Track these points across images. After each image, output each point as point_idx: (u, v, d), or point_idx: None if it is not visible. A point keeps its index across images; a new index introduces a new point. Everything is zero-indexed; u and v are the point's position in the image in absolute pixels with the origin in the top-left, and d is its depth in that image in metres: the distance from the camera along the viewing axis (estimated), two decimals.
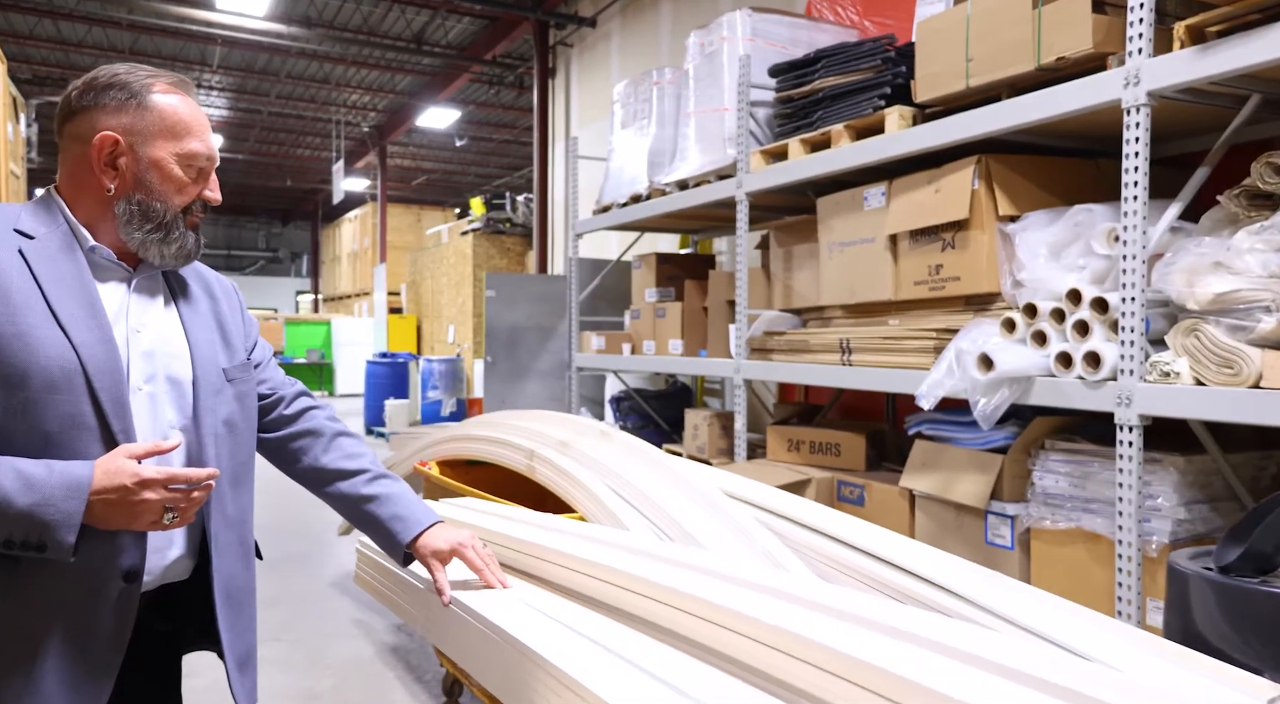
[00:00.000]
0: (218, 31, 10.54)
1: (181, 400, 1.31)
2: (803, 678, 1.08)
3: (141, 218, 1.28)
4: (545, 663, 1.26)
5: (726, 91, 4.35)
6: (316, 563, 4.78)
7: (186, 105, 1.31)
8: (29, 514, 1.07)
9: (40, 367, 1.15)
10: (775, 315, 4.24)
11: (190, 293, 1.40)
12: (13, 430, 1.14)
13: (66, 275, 1.22)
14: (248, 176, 20.69)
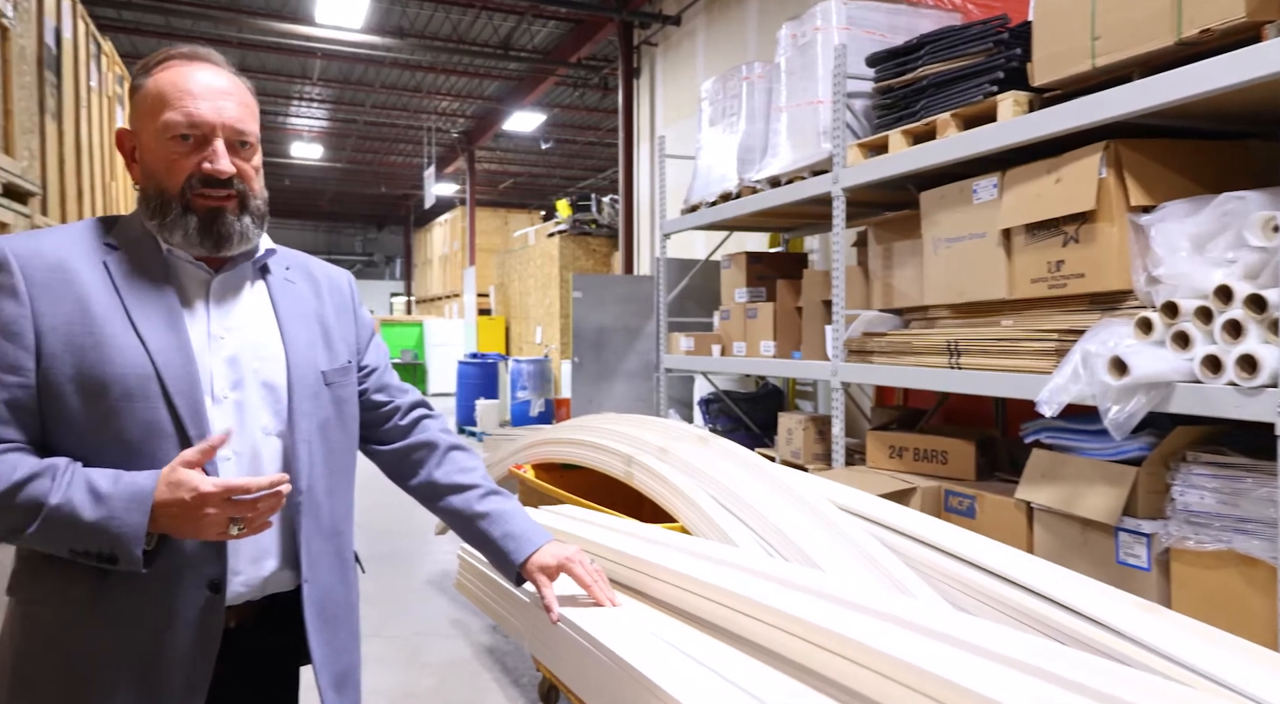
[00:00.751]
0: (318, 45, 10.90)
1: (277, 405, 1.27)
2: None
3: (147, 206, 1.23)
4: (658, 689, 1.17)
5: (821, 84, 4.19)
6: (414, 561, 4.83)
7: (176, 76, 1.22)
8: (98, 527, 1.07)
9: (118, 375, 1.14)
10: (874, 315, 4.05)
11: (292, 291, 1.35)
12: (98, 440, 1.14)
13: (146, 282, 1.20)
14: (345, 184, 21.43)
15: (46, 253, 1.18)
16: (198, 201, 1.21)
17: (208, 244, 1.22)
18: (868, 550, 1.60)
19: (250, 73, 12.92)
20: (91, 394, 1.14)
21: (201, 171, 1.20)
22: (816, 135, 4.23)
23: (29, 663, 1.15)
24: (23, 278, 1.15)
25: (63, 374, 1.14)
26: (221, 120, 1.21)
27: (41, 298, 1.15)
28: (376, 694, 3.08)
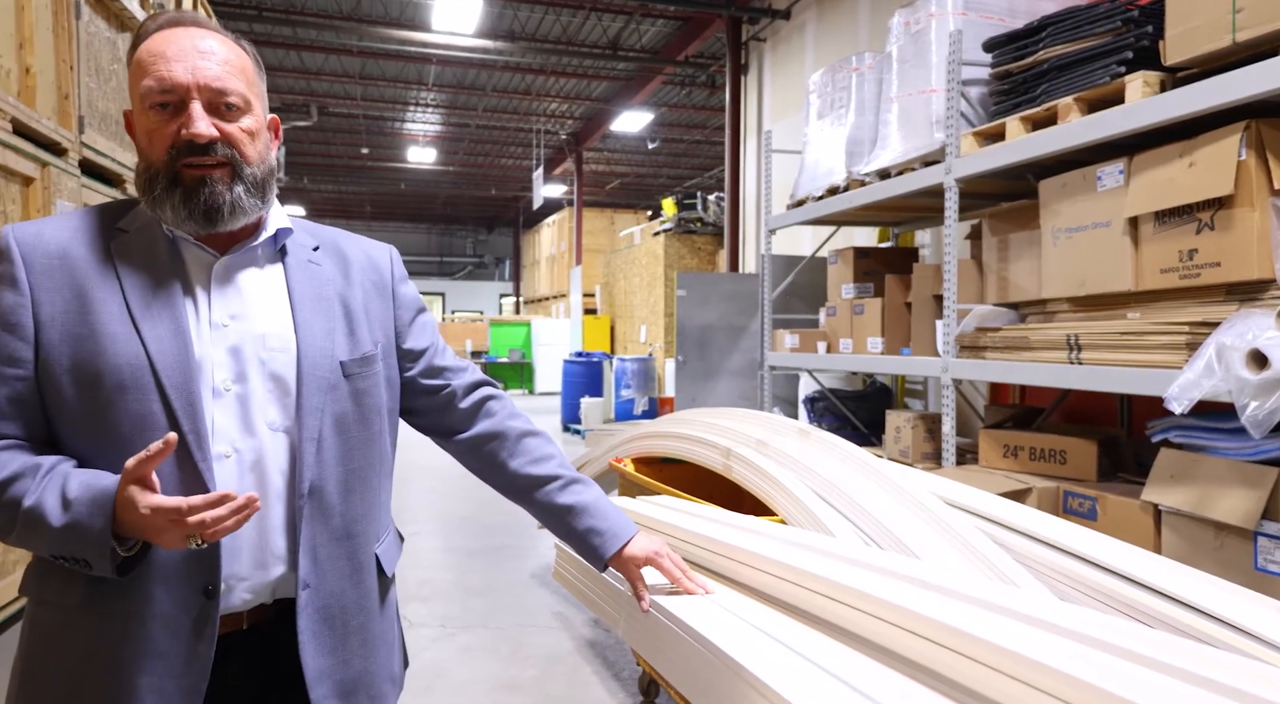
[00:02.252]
0: (433, 51, 11.34)
1: (285, 399, 1.17)
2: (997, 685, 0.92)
3: (140, 184, 1.14)
4: (749, 675, 1.17)
5: (934, 72, 4.07)
6: (518, 554, 4.97)
7: (153, 42, 1.13)
8: (63, 533, 1.01)
9: (110, 365, 1.07)
10: (988, 310, 3.90)
11: (313, 273, 1.24)
12: (94, 434, 1.09)
13: (148, 267, 1.13)
14: (457, 187, 22.18)
15: (49, 239, 1.12)
16: (185, 172, 1.10)
17: (197, 218, 1.11)
18: (973, 544, 1.55)
19: (369, 80, 13.60)
20: (86, 386, 1.08)
21: (181, 138, 1.09)
22: (929, 125, 4.11)
23: (33, 663, 1.11)
24: (24, 266, 1.10)
25: (59, 365, 1.08)
26: (196, 80, 1.09)
27: (41, 286, 1.10)
28: (479, 683, 3.18)
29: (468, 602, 4.15)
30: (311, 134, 15.86)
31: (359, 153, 18.07)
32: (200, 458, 1.09)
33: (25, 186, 3.28)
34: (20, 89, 3.24)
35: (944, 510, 1.67)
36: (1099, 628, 1.06)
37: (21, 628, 1.14)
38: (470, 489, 6.49)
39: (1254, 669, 1.00)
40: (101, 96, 4.12)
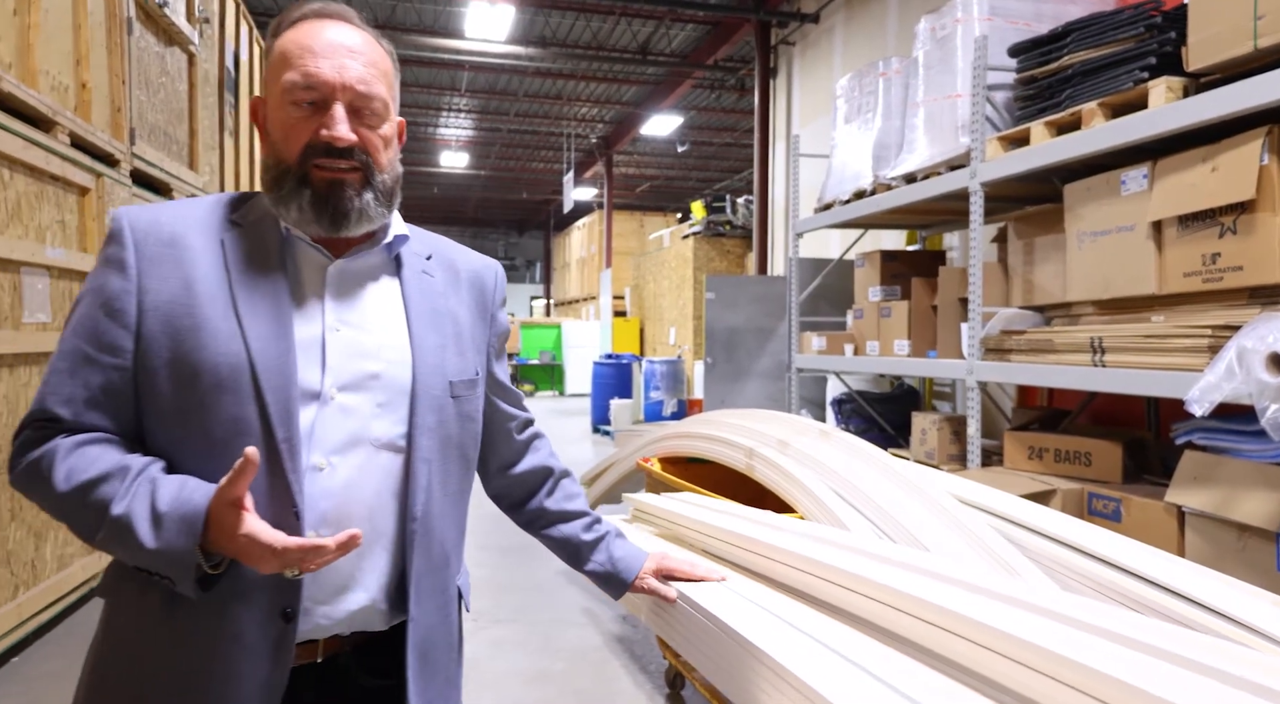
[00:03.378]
0: (466, 58, 11.52)
1: (395, 415, 1.09)
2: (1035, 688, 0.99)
3: (265, 178, 1.09)
4: (766, 657, 1.25)
5: (960, 77, 4.10)
6: (547, 555, 5.05)
7: (300, 33, 1.07)
8: (150, 550, 0.95)
9: (210, 362, 1.00)
10: (1014, 313, 3.93)
11: (428, 285, 1.17)
12: (184, 433, 1.02)
13: (259, 264, 1.07)
14: (489, 191, 22.45)
15: (164, 225, 1.06)
16: (315, 174, 1.05)
17: (323, 222, 1.06)
18: (983, 538, 1.61)
19: (403, 87, 13.81)
20: (183, 382, 1.01)
21: (320, 139, 1.04)
22: (954, 129, 4.15)
23: (103, 671, 1.05)
24: (134, 251, 1.04)
25: (159, 357, 1.01)
26: (342, 80, 1.04)
27: (150, 273, 1.03)
28: (512, 675, 3.28)
29: (499, 598, 4.26)
30: None
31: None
32: (290, 468, 1.01)
33: (81, 197, 3.46)
34: (77, 104, 3.42)
35: (956, 508, 1.73)
36: (1095, 615, 1.13)
37: (97, 630, 1.08)
38: None
39: (1244, 654, 1.06)
40: (151, 108, 4.31)
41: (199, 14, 4.95)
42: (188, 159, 5.01)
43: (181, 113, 4.90)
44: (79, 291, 1.07)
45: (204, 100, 5.28)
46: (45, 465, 0.99)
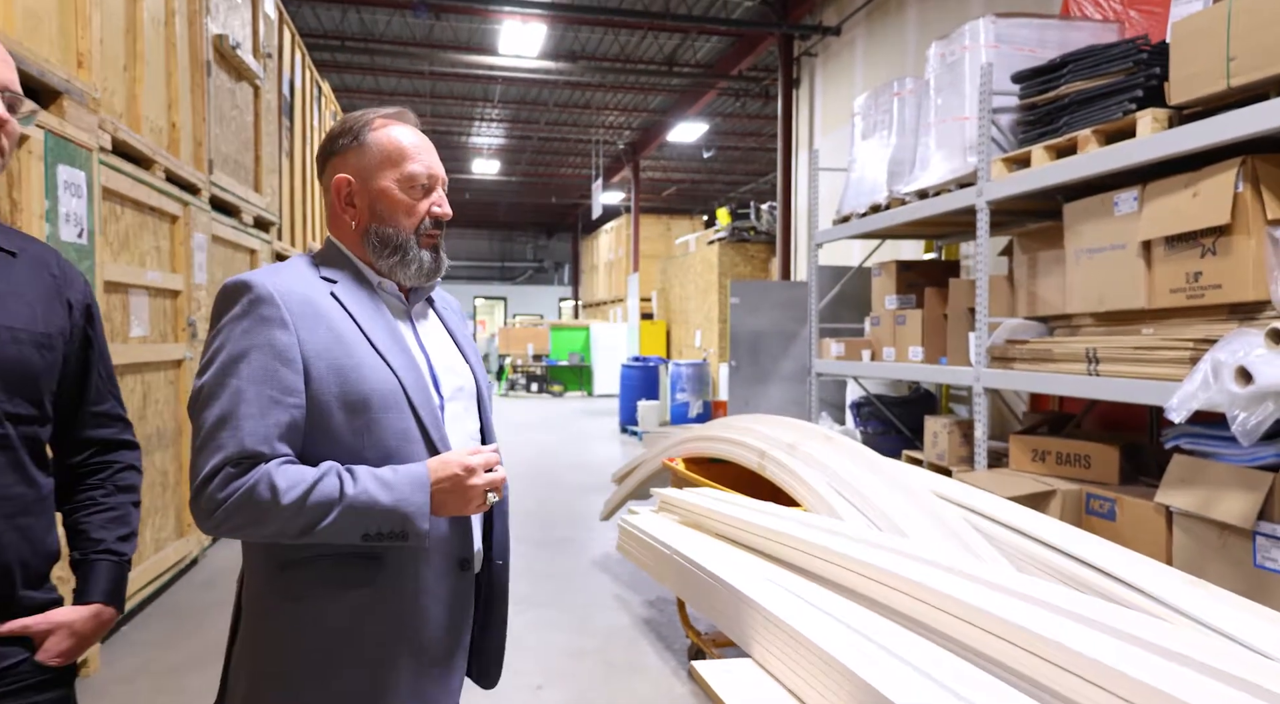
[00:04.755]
0: (499, 73, 11.90)
1: (472, 413, 1.44)
2: (972, 638, 1.27)
3: (382, 245, 1.36)
4: (755, 604, 1.55)
5: (968, 100, 4.35)
6: (580, 546, 5.39)
7: (402, 134, 1.38)
8: (392, 509, 1.19)
9: (376, 392, 1.27)
10: (1019, 323, 4.17)
11: (451, 317, 1.53)
12: (361, 447, 1.27)
13: (371, 311, 1.34)
14: (519, 196, 22.86)
15: (296, 288, 1.30)
16: (425, 240, 1.37)
17: (427, 273, 1.38)
18: (952, 527, 1.88)
19: (438, 98, 14.26)
20: (354, 409, 1.26)
21: (432, 215, 1.37)
22: (963, 149, 4.39)
23: (320, 653, 1.25)
24: (286, 311, 1.26)
25: (329, 393, 1.25)
26: (441, 172, 1.41)
27: (301, 327, 1.26)
28: (551, 649, 3.61)
29: (536, 584, 4.58)
30: None
31: None
32: None
33: (172, 224, 3.87)
34: (169, 142, 3.81)
35: (935, 503, 2.00)
36: (1031, 588, 1.40)
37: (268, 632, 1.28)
38: (534, 488, 6.97)
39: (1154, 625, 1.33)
40: (223, 139, 4.70)
41: (263, 50, 5.34)
42: (253, 182, 5.40)
43: (248, 141, 5.29)
44: (228, 345, 1.25)
45: (266, 128, 5.68)
46: (262, 490, 1.17)
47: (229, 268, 5.00)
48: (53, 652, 1.28)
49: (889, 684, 1.19)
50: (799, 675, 1.38)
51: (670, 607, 4.15)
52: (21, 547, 1.25)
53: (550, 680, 3.32)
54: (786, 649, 1.42)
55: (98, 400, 1.43)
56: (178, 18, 4.06)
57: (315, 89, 8.03)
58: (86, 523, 1.39)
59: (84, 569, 1.38)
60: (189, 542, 4.39)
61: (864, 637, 1.40)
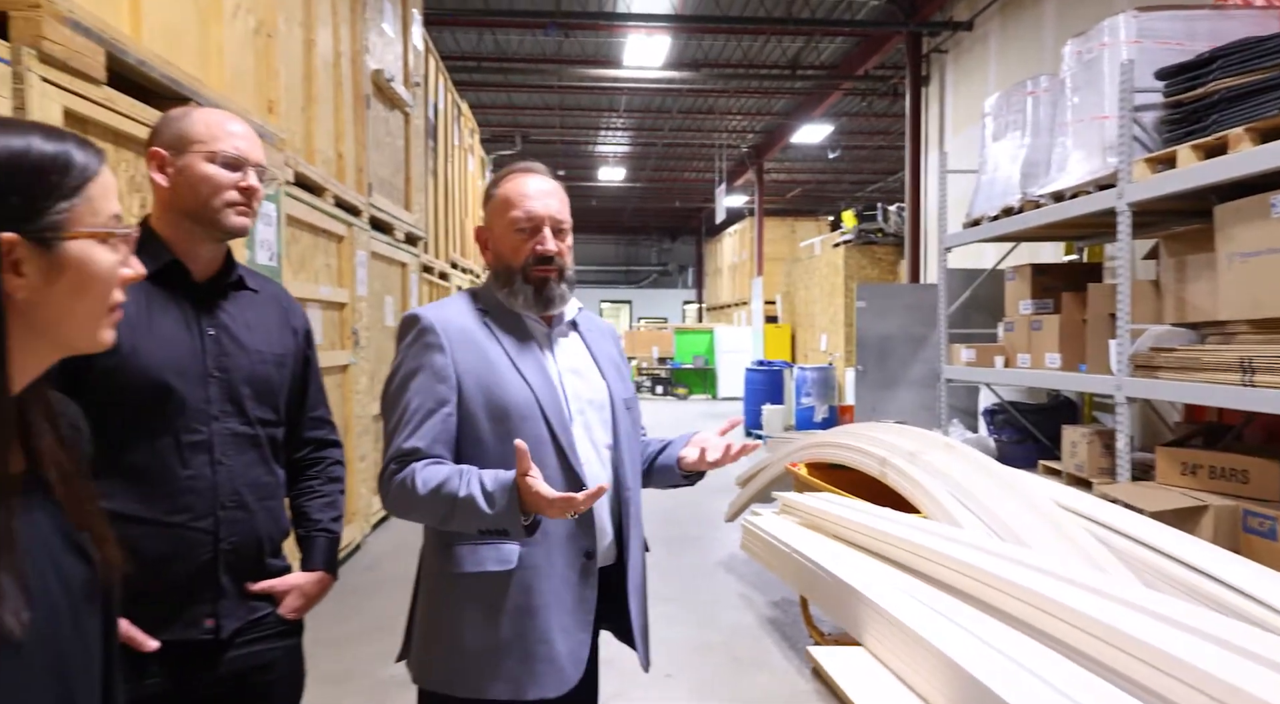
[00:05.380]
0: (624, 84, 12.22)
1: (606, 424, 1.63)
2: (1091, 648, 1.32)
3: (496, 278, 1.61)
4: (868, 600, 1.64)
5: (1107, 99, 4.21)
6: (706, 545, 5.53)
7: (516, 184, 1.59)
8: (490, 514, 1.40)
9: (515, 404, 1.52)
10: (1164, 330, 4.01)
11: (595, 338, 1.72)
12: (501, 451, 1.50)
13: (516, 335, 1.59)
14: (643, 201, 23.25)
15: (454, 319, 1.57)
16: (533, 274, 1.57)
17: (540, 305, 1.58)
18: (1073, 537, 1.90)
19: (566, 111, 14.75)
20: (496, 418, 1.51)
21: (535, 252, 1.57)
22: (1102, 150, 4.25)
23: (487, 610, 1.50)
24: (445, 337, 1.54)
25: (475, 404, 1.52)
26: (548, 213, 1.57)
27: (457, 351, 1.53)
28: (679, 642, 3.77)
29: (665, 580, 4.76)
30: (516, 159, 17.30)
31: (556, 175, 19.41)
32: (573, 461, 1.54)
33: (339, 244, 4.31)
34: (336, 170, 4.24)
35: (1057, 512, 2.02)
36: (1157, 603, 1.43)
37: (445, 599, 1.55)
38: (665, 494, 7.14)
39: None
40: (379, 164, 5.15)
41: (413, 79, 5.78)
42: (404, 201, 5.86)
43: (400, 164, 5.75)
44: (402, 365, 1.55)
45: (415, 150, 6.15)
46: (410, 482, 1.46)
47: (384, 280, 5.44)
48: (290, 608, 1.56)
49: (987, 673, 1.28)
50: (902, 660, 1.48)
51: (794, 607, 4.23)
52: (268, 523, 1.54)
53: (678, 670, 3.49)
54: (893, 638, 1.51)
55: (314, 407, 1.71)
56: (344, 59, 4.49)
57: (455, 110, 8.54)
58: (308, 506, 1.68)
59: (307, 543, 1.66)
60: (352, 529, 4.83)
61: (967, 631, 1.47)
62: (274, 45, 3.56)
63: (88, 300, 0.80)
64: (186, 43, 2.99)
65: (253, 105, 3.37)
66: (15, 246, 0.74)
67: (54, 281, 0.77)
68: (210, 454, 1.47)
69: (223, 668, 1.48)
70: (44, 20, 2.15)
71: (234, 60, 3.23)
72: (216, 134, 1.48)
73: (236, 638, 1.49)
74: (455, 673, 1.53)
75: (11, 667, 0.72)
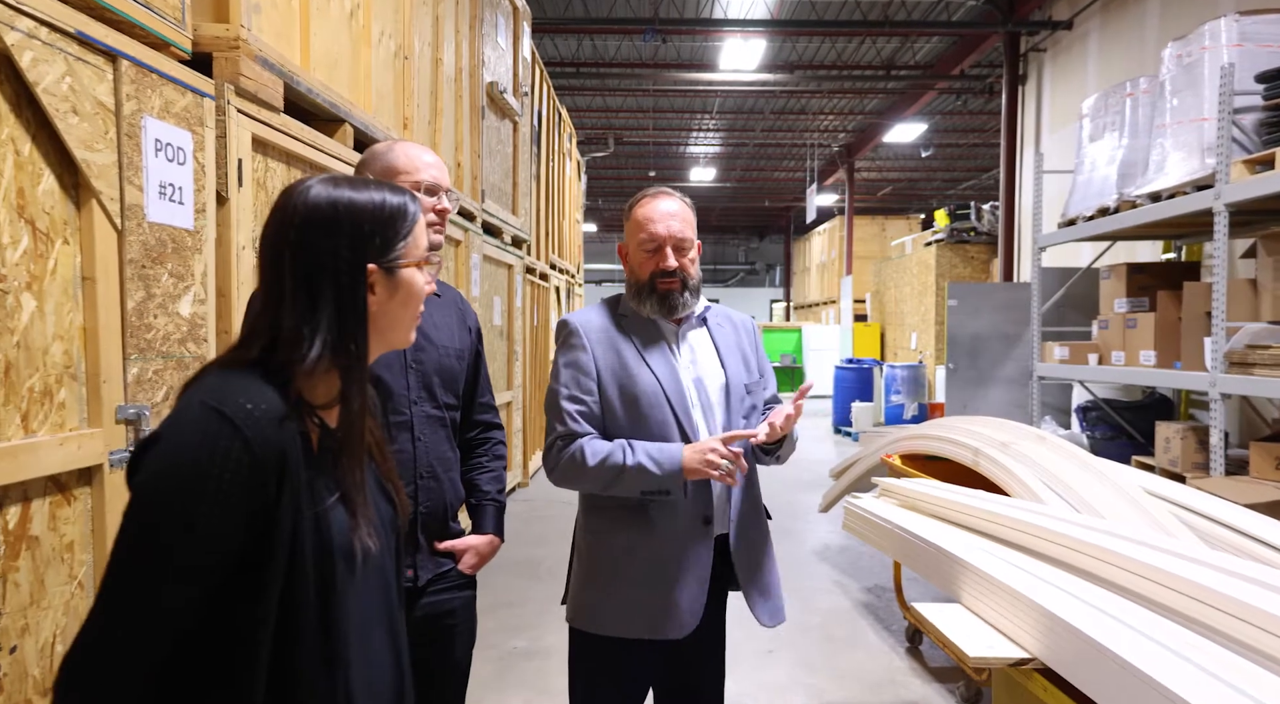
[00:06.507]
0: (718, 87, 12.47)
1: (723, 404, 1.88)
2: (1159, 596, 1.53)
3: (630, 287, 1.90)
4: (962, 561, 1.88)
5: (1206, 102, 4.26)
6: (801, 535, 5.77)
7: (646, 209, 1.87)
8: (659, 475, 1.72)
9: (645, 393, 1.81)
10: (1262, 328, 4.05)
11: (722, 332, 1.97)
12: (633, 431, 1.81)
13: (647, 334, 1.89)
14: (733, 200, 23.42)
15: (594, 322, 1.90)
16: (659, 286, 1.85)
17: (664, 311, 1.86)
18: (1155, 516, 2.08)
19: (660, 113, 15.09)
20: (628, 404, 1.81)
21: (659, 268, 1.85)
22: (1200, 151, 4.31)
23: (621, 562, 1.81)
24: (586, 339, 1.87)
25: (611, 392, 1.83)
26: (670, 234, 1.85)
27: (596, 349, 1.85)
28: (781, 624, 4.02)
29: None
30: (608, 161, 17.78)
31: (647, 176, 19.87)
32: (694, 438, 1.80)
33: (455, 247, 4.71)
34: (456, 179, 4.65)
35: (1140, 494, 2.19)
36: (1222, 559, 1.63)
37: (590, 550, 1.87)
38: None
39: None
40: (491, 171, 5.56)
41: (521, 89, 6.19)
42: (511, 206, 6.28)
43: (508, 170, 6.17)
44: (558, 362, 1.88)
45: (522, 157, 6.57)
46: (579, 455, 1.78)
47: (493, 281, 5.86)
48: (467, 565, 1.88)
49: (1067, 612, 1.50)
50: (993, 609, 1.71)
51: (887, 593, 4.43)
52: (450, 492, 1.87)
53: (779, 648, 3.75)
54: (984, 591, 1.74)
55: (482, 394, 2.03)
56: (464, 74, 4.90)
57: (556, 116, 8.96)
58: (478, 479, 1.99)
59: (478, 511, 1.98)
60: None
61: (1050, 584, 1.70)
62: (410, 67, 3.97)
63: (409, 310, 1.11)
64: (342, 68, 3.38)
65: (391, 123, 3.77)
66: (374, 274, 1.06)
67: (392, 297, 1.08)
68: (411, 433, 1.78)
69: (418, 611, 1.75)
70: (241, 59, 2.50)
71: (378, 82, 3.64)
72: (417, 166, 1.77)
73: (429, 587, 1.79)
74: (594, 613, 1.83)
75: (365, 570, 1.06)
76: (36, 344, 1.72)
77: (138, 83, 1.97)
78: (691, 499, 1.81)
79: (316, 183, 1.06)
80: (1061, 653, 1.49)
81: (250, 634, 0.94)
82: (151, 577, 0.90)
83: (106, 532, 1.88)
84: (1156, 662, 1.34)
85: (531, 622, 4.03)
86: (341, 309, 1.03)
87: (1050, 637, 1.53)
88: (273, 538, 0.95)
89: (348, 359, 1.04)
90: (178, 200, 2.14)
